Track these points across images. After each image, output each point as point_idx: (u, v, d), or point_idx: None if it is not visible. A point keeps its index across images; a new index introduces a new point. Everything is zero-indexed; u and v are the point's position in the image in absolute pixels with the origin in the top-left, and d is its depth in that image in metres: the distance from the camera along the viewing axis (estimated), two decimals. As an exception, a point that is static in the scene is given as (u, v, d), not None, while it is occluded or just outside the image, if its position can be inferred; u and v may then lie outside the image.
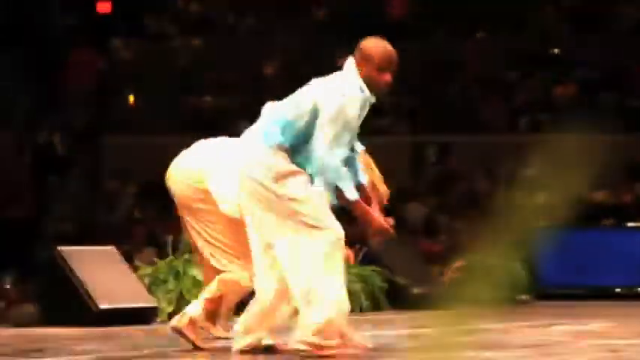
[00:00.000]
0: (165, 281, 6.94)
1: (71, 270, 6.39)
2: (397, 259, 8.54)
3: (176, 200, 5.02)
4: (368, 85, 4.36)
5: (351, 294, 4.58)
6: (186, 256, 7.07)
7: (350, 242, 5.89)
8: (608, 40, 13.99)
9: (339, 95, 4.28)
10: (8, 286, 7.89)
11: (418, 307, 7.92)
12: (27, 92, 12.95)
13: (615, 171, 10.98)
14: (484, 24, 14.51)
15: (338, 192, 4.24)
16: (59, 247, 6.61)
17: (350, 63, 4.39)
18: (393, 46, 4.47)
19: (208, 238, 4.87)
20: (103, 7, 14.37)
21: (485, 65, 14.17)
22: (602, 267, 9.06)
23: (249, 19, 14.73)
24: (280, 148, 4.28)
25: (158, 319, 6.66)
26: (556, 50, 14.34)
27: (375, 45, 4.40)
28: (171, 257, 7.12)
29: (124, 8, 14.40)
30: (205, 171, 4.91)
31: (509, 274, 9.12)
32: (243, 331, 4.39)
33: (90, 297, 6.31)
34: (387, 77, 4.39)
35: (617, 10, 14.34)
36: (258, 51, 13.71)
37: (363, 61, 4.37)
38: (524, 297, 8.85)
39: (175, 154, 5.16)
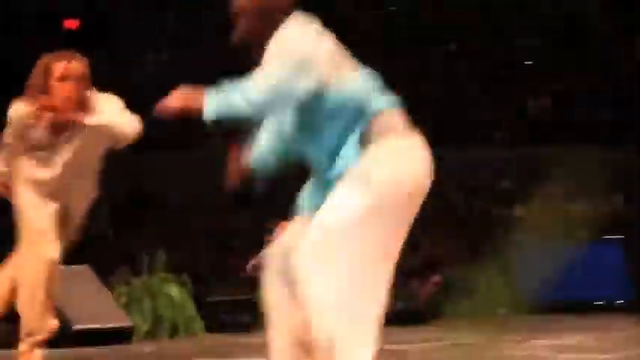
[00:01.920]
0: (140, 300, 6.85)
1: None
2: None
3: None
4: None
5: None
6: (162, 274, 6.98)
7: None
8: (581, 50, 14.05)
9: None
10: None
11: (397, 323, 7.87)
12: None
13: (593, 182, 11.00)
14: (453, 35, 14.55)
15: None
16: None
17: None
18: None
19: None
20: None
21: (457, 77, 14.19)
22: (582, 280, 9.04)
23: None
24: None
25: (134, 339, 6.57)
26: (528, 62, 14.40)
27: None
28: (146, 276, 7.04)
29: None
30: None
31: (488, 287, 9.11)
32: None
33: (64, 317, 6.21)
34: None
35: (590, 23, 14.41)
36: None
37: None
38: (503, 310, 8.82)
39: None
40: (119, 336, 6.40)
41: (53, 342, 6.07)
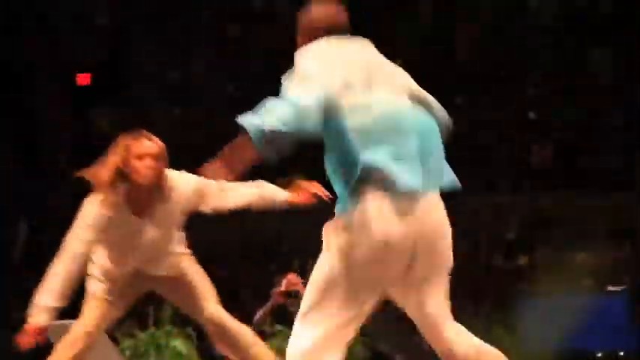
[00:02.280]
0: (146, 353, 6.88)
1: (50, 344, 6.33)
2: (380, 326, 8.51)
3: None
4: None
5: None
6: (168, 327, 7.01)
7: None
8: (584, 100, 14.16)
9: None
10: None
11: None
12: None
13: (596, 233, 11.04)
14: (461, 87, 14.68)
15: None
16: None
17: None
18: None
19: None
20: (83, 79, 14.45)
21: (463, 128, 14.30)
22: (585, 330, 9.05)
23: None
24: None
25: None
26: (532, 114, 14.52)
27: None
28: (152, 329, 7.07)
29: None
30: None
31: (490, 339, 9.12)
32: None
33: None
34: None
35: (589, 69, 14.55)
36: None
37: None
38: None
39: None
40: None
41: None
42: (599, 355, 9.30)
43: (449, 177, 3.36)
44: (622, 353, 9.22)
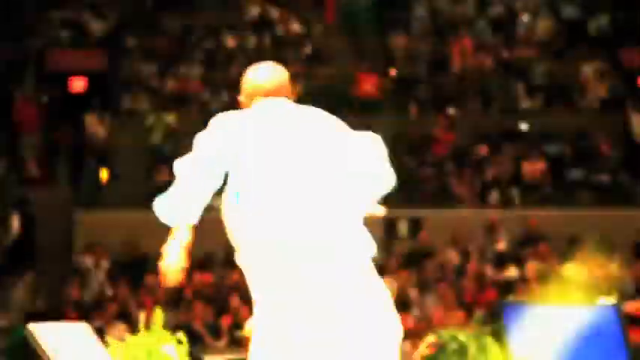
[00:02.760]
0: (136, 358, 6.87)
1: (41, 348, 6.34)
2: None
3: None
4: None
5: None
6: (158, 332, 7.00)
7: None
8: (576, 115, 14.25)
9: None
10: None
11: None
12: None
13: (586, 246, 11.08)
14: (454, 100, 14.75)
15: None
16: (30, 325, 6.54)
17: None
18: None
19: None
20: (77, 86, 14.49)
21: (456, 140, 14.35)
22: (574, 344, 9.06)
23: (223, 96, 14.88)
24: None
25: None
26: (524, 126, 14.62)
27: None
28: (142, 333, 7.06)
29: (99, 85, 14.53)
30: None
31: (481, 349, 9.12)
32: None
33: (60, 375, 6.24)
34: None
35: (583, 86, 14.65)
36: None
37: None
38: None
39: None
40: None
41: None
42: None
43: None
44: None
